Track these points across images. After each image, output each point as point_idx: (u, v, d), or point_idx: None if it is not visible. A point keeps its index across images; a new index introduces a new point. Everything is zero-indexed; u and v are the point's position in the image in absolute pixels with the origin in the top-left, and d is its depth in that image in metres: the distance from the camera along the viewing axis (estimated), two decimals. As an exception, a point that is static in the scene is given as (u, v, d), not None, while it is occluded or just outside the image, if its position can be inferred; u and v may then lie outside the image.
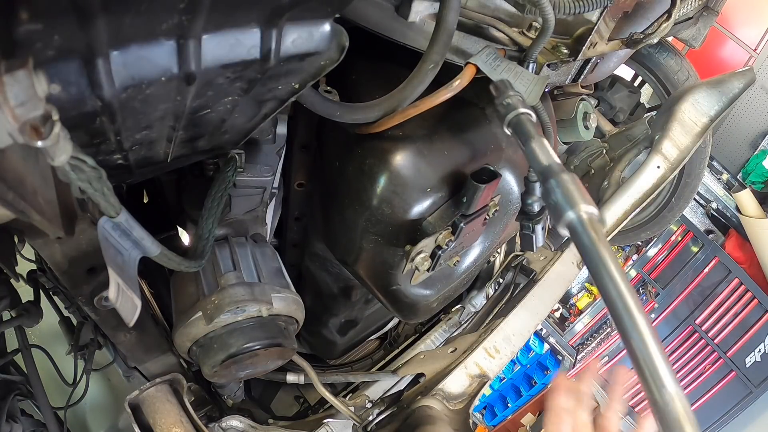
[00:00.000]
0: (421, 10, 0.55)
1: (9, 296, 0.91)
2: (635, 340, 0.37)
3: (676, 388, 0.37)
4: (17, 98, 0.20)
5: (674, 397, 0.36)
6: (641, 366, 0.38)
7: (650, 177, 1.24)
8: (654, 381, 0.37)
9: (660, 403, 0.36)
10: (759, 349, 3.23)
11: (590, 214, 0.41)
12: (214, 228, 0.59)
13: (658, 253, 3.42)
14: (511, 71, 0.61)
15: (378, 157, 0.64)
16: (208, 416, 0.92)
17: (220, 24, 0.31)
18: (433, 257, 0.65)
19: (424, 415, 0.84)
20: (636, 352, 0.38)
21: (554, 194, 0.42)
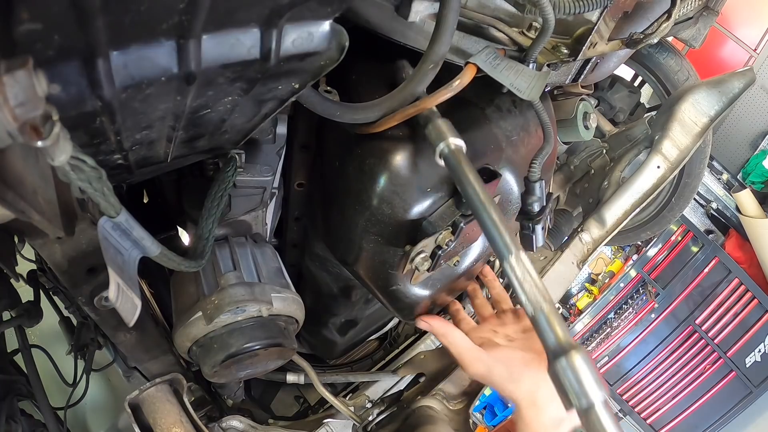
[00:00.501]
0: (421, 10, 0.55)
1: (9, 296, 0.91)
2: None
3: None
4: (17, 98, 0.20)
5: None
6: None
7: (650, 177, 1.24)
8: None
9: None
10: (759, 349, 3.23)
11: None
12: (214, 228, 0.59)
13: (658, 253, 3.42)
14: (512, 69, 0.61)
15: (378, 156, 0.64)
16: (208, 416, 0.93)
17: (220, 24, 0.31)
18: (433, 257, 0.65)
19: (424, 415, 0.84)
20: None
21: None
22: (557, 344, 0.41)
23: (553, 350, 0.41)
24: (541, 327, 0.42)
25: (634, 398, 3.52)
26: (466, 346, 0.70)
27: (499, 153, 0.72)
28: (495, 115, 0.72)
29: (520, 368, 0.67)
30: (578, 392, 0.40)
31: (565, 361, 0.40)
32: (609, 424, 0.39)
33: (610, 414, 0.40)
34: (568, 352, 0.40)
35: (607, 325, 3.67)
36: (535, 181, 0.72)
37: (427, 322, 0.73)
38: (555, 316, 0.42)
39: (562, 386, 0.41)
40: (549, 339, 0.41)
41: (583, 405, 0.40)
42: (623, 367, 3.53)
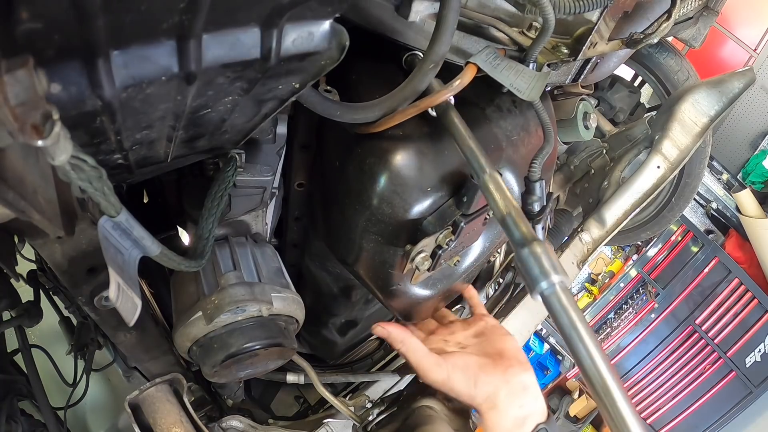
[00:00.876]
0: (422, 9, 0.55)
1: (9, 296, 0.91)
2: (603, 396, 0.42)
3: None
4: (17, 98, 0.20)
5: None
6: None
7: (650, 177, 1.24)
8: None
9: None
10: (759, 349, 3.23)
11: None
12: (214, 228, 0.59)
13: (658, 253, 3.42)
14: (512, 69, 0.61)
15: (378, 156, 0.64)
16: (208, 416, 0.93)
17: (221, 23, 0.31)
18: (433, 257, 0.65)
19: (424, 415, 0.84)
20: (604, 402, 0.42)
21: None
22: (522, 237, 0.47)
23: (518, 242, 0.47)
24: (510, 226, 0.48)
25: (634, 398, 3.52)
26: (423, 353, 0.69)
27: (499, 153, 0.72)
28: (495, 114, 0.73)
29: (478, 373, 0.67)
30: (538, 275, 0.45)
31: (528, 250, 0.45)
32: (566, 302, 0.43)
33: (568, 294, 0.44)
34: (531, 243, 0.46)
35: (607, 325, 3.67)
36: (536, 181, 0.72)
37: (384, 329, 0.72)
38: (520, 217, 0.48)
39: (527, 272, 0.45)
40: (515, 234, 0.48)
41: (543, 286, 0.44)
42: (623, 367, 3.53)
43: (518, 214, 0.49)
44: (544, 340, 3.96)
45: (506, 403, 0.66)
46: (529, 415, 0.67)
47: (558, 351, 3.90)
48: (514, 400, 0.67)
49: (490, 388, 0.67)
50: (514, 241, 0.48)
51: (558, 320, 0.44)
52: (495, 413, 0.67)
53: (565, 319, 0.43)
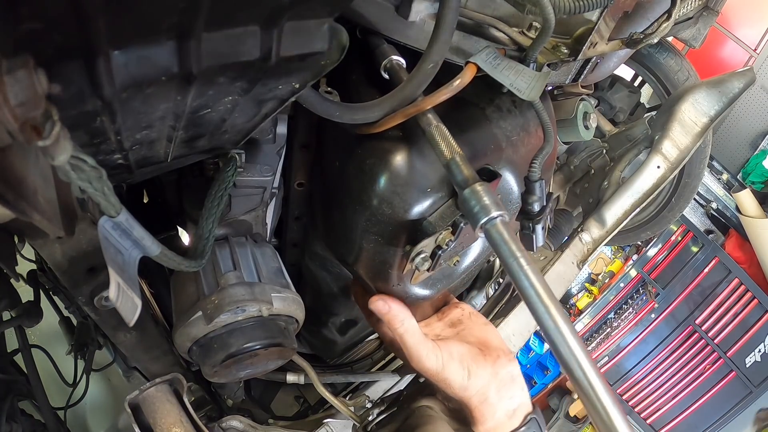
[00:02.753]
0: (422, 9, 0.55)
1: (9, 296, 0.91)
2: (549, 326, 0.43)
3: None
4: (18, 97, 0.20)
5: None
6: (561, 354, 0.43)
7: (650, 177, 1.24)
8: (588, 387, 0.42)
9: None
10: (759, 349, 3.23)
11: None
12: (214, 228, 0.59)
13: (658, 253, 3.43)
14: (512, 69, 0.61)
15: (378, 157, 0.64)
16: (208, 416, 0.93)
17: (221, 23, 0.31)
18: (433, 257, 0.65)
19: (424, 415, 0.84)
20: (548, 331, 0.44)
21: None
22: (464, 179, 0.50)
23: (461, 184, 0.50)
24: (453, 169, 0.51)
25: (634, 398, 3.52)
26: (420, 338, 0.65)
27: (499, 153, 0.72)
28: (495, 115, 0.72)
29: (471, 364, 0.66)
30: (479, 211, 0.47)
31: (470, 189, 0.49)
32: (505, 234, 0.46)
33: (507, 227, 0.47)
34: (473, 183, 0.49)
35: (607, 325, 3.67)
36: (536, 181, 0.72)
37: (386, 303, 0.65)
38: (464, 162, 0.51)
39: (469, 209, 0.48)
40: (458, 177, 0.51)
41: (483, 221, 0.47)
42: (623, 367, 3.53)
43: (462, 159, 0.52)
44: (544, 340, 3.95)
45: (497, 396, 0.66)
46: (519, 407, 0.67)
47: (558, 351, 3.89)
48: (505, 392, 0.66)
49: (481, 381, 0.65)
50: (457, 183, 0.51)
51: (499, 251, 0.46)
52: (486, 407, 0.65)
53: (505, 250, 0.45)
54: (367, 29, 0.60)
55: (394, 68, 0.59)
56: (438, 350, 0.65)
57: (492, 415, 0.66)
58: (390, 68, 0.60)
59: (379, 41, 0.61)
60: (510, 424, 0.66)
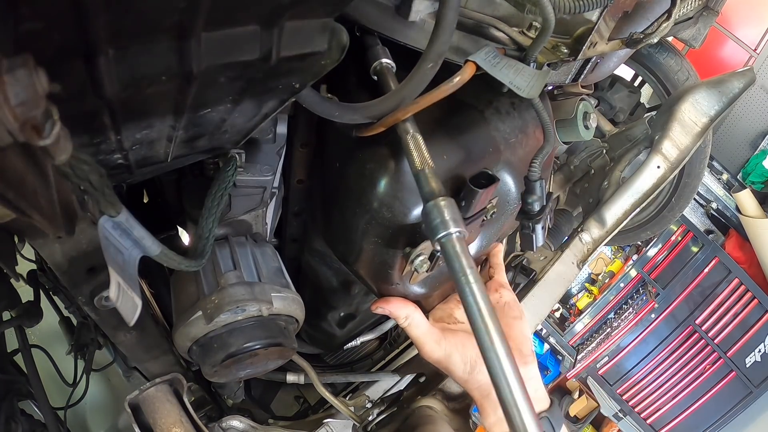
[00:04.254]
0: (422, 9, 0.55)
1: (9, 296, 0.91)
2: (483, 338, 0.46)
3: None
4: (18, 97, 0.20)
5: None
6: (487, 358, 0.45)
7: (650, 177, 1.24)
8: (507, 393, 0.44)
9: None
10: (759, 349, 3.23)
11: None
12: (214, 228, 0.59)
13: (658, 253, 3.43)
14: (512, 67, 0.61)
15: (378, 161, 0.64)
16: (208, 416, 0.93)
17: (221, 23, 0.31)
18: (431, 259, 0.65)
19: (424, 415, 0.84)
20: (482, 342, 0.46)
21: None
22: (431, 192, 0.51)
23: (426, 195, 0.51)
24: (422, 180, 0.53)
25: (634, 398, 3.52)
26: (425, 329, 0.69)
27: (497, 155, 0.72)
28: (493, 117, 0.73)
29: (476, 360, 0.68)
30: (438, 225, 0.49)
31: (433, 203, 0.50)
32: (459, 250, 0.48)
33: (462, 244, 0.49)
34: (437, 197, 0.50)
35: (607, 325, 3.67)
36: (536, 181, 0.72)
37: (385, 307, 0.70)
38: (432, 175, 0.53)
39: (429, 222, 0.50)
40: (425, 188, 0.52)
41: (440, 235, 0.49)
42: (623, 367, 3.53)
43: (431, 171, 0.53)
44: (544, 340, 3.96)
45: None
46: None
47: (558, 351, 3.90)
48: None
49: (484, 377, 0.67)
50: (423, 194, 0.52)
51: (451, 265, 0.48)
52: (489, 402, 0.68)
53: (456, 265, 0.48)
54: (366, 28, 0.60)
55: (382, 71, 0.59)
56: (443, 340, 0.68)
57: (494, 411, 0.67)
58: (379, 71, 0.60)
59: (374, 41, 0.61)
60: None
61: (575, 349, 3.77)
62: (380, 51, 0.60)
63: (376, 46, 0.60)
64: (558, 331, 3.81)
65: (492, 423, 0.68)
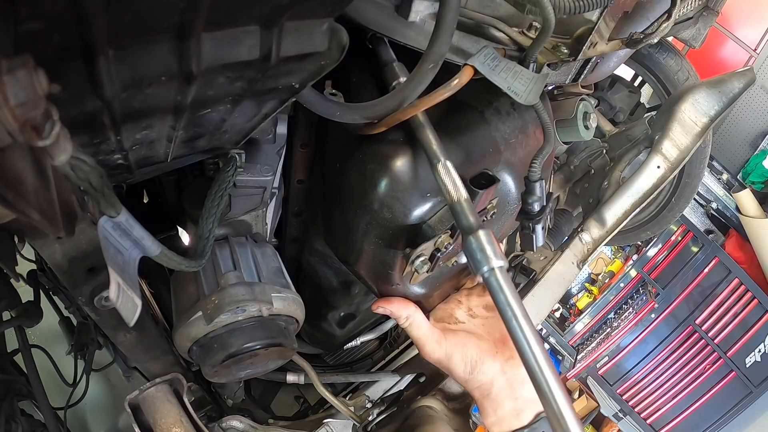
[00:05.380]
0: (422, 9, 0.55)
1: (9, 296, 0.91)
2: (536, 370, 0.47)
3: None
4: (17, 98, 0.20)
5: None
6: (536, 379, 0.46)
7: (650, 177, 1.24)
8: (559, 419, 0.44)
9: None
10: (759, 349, 3.23)
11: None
12: (214, 228, 0.59)
13: (658, 253, 3.43)
14: (510, 71, 0.61)
15: (379, 162, 0.65)
16: (208, 416, 0.92)
17: (221, 23, 0.31)
18: (432, 259, 0.65)
19: (424, 415, 0.84)
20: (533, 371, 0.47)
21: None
22: (469, 225, 0.51)
23: (465, 229, 0.52)
24: (458, 213, 0.53)
25: (634, 398, 3.52)
26: (425, 329, 0.69)
27: (497, 156, 0.72)
28: (493, 117, 0.73)
29: (476, 360, 0.68)
30: (480, 260, 0.49)
31: (473, 237, 0.50)
32: (503, 283, 0.48)
33: (506, 276, 0.49)
34: (476, 231, 0.50)
35: (607, 325, 3.68)
36: (536, 181, 0.72)
37: (383, 306, 0.70)
38: (469, 206, 0.53)
39: (471, 256, 0.50)
40: (463, 222, 0.52)
41: (484, 270, 0.49)
42: (623, 367, 3.53)
43: (467, 203, 0.53)
44: (544, 340, 3.96)
45: (500, 394, 0.67)
46: (526, 407, 0.67)
47: (558, 351, 3.90)
48: (510, 392, 0.67)
49: (485, 378, 0.68)
50: (462, 227, 0.52)
51: (496, 299, 0.49)
52: (489, 402, 0.68)
53: (502, 298, 0.48)
54: (377, 38, 0.60)
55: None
56: (444, 340, 0.69)
57: (494, 411, 0.68)
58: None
59: (389, 57, 0.62)
60: (516, 422, 0.67)
61: (575, 349, 3.77)
62: (398, 70, 0.61)
63: (393, 63, 0.61)
64: (558, 331, 3.82)
65: (492, 423, 0.68)
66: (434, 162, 0.55)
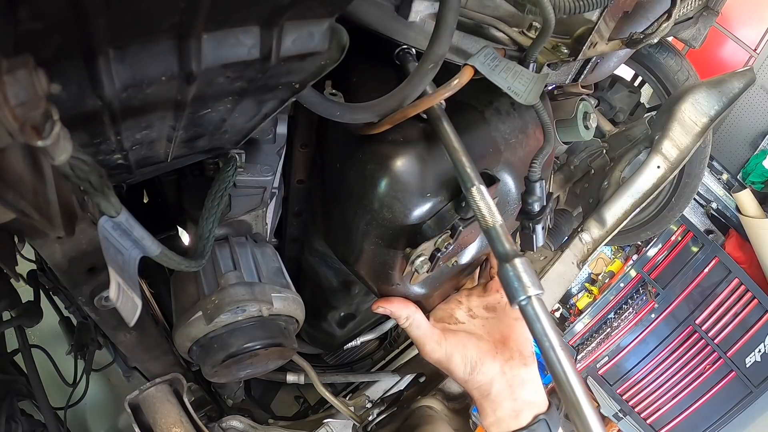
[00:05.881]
0: (422, 9, 0.55)
1: (9, 296, 0.91)
2: (573, 402, 0.48)
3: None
4: (17, 98, 0.20)
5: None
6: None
7: (650, 177, 1.24)
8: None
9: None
10: (759, 349, 3.23)
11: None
12: (214, 228, 0.59)
13: (658, 253, 3.43)
14: (510, 71, 0.61)
15: (379, 162, 0.64)
16: (208, 416, 0.93)
17: (221, 23, 0.31)
18: (432, 259, 0.65)
19: (424, 415, 0.84)
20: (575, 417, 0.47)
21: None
22: (505, 253, 0.51)
23: (502, 257, 0.51)
24: (494, 240, 0.52)
25: (634, 398, 3.52)
26: (425, 329, 0.69)
27: (497, 156, 0.72)
28: (494, 117, 0.73)
29: (476, 361, 0.68)
30: (517, 288, 0.49)
31: (509, 265, 0.50)
32: (541, 313, 0.48)
33: (542, 305, 0.49)
34: (512, 258, 0.50)
35: (607, 325, 3.67)
36: (536, 181, 0.72)
37: (386, 308, 0.70)
38: (504, 232, 0.52)
39: (507, 284, 0.50)
40: (499, 249, 0.51)
41: (521, 298, 0.49)
42: (623, 367, 3.53)
43: (502, 228, 0.52)
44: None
45: (499, 395, 0.67)
46: (524, 408, 0.67)
47: (558, 351, 3.89)
48: (509, 393, 0.67)
49: (484, 378, 0.68)
50: (498, 254, 0.51)
51: (532, 328, 0.49)
52: (488, 402, 0.68)
53: (539, 328, 0.48)
54: (404, 53, 0.61)
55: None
56: (444, 341, 0.69)
57: (493, 411, 0.68)
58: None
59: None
60: (515, 423, 0.67)
61: (575, 349, 3.77)
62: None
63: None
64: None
65: (490, 423, 0.68)
66: (468, 186, 0.55)
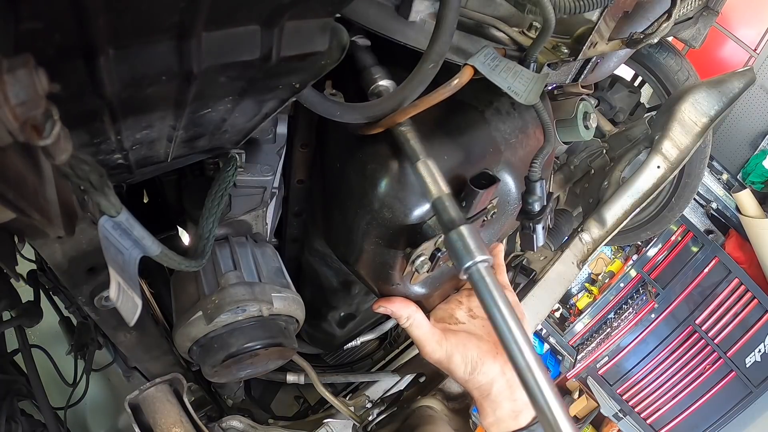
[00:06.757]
0: (422, 9, 0.55)
1: (9, 296, 0.91)
2: (522, 367, 0.44)
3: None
4: (18, 97, 0.20)
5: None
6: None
7: (650, 177, 1.24)
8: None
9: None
10: (759, 349, 3.23)
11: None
12: (214, 228, 0.59)
13: (658, 253, 3.43)
14: (510, 70, 0.61)
15: (379, 162, 0.65)
16: (208, 416, 0.92)
17: (221, 23, 0.31)
18: (432, 259, 0.65)
19: (424, 415, 0.84)
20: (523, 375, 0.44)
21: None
22: (450, 221, 0.50)
23: (447, 225, 0.50)
24: (440, 210, 0.51)
25: (634, 398, 3.52)
26: (426, 329, 0.69)
27: (497, 156, 0.72)
28: (494, 117, 0.73)
29: (476, 361, 0.68)
30: (463, 255, 0.48)
31: (455, 233, 0.49)
32: (487, 279, 0.47)
33: (489, 272, 0.48)
34: (458, 226, 0.49)
35: (607, 325, 3.68)
36: (536, 181, 0.72)
37: (387, 307, 0.70)
38: (450, 202, 0.52)
39: (454, 252, 0.49)
40: (444, 217, 0.51)
41: (467, 263, 0.48)
42: (623, 367, 3.53)
43: (449, 199, 0.52)
44: (544, 340, 3.96)
45: (499, 395, 0.68)
46: (524, 409, 0.68)
47: (558, 351, 3.90)
48: (509, 394, 0.68)
49: (484, 378, 0.68)
50: (443, 223, 0.51)
51: (480, 295, 0.47)
52: (488, 402, 0.68)
53: (486, 294, 0.47)
54: (354, 45, 0.60)
55: (381, 94, 0.60)
56: (444, 341, 0.69)
57: (492, 412, 0.68)
58: (377, 94, 0.61)
59: (368, 62, 0.61)
60: (514, 424, 0.67)
61: (575, 349, 3.77)
62: (375, 74, 0.61)
63: (371, 67, 0.61)
64: (558, 331, 3.82)
65: (490, 423, 0.68)
66: (413, 160, 0.55)
